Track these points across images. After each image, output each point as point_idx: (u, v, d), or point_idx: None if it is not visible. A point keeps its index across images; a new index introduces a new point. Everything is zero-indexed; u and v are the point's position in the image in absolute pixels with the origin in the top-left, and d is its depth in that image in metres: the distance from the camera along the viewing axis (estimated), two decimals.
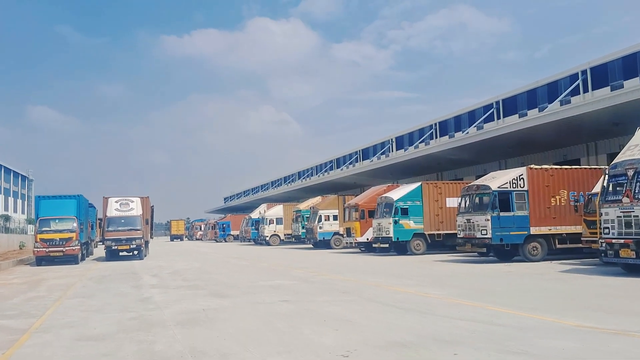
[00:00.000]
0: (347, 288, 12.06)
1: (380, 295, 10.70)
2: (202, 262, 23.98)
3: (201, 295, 11.56)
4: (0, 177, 78.99)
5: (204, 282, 14.35)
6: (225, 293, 11.76)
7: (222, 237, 67.19)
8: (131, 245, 26.94)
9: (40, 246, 24.33)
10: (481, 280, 13.37)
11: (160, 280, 15.66)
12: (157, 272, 18.87)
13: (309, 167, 71.90)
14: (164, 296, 11.58)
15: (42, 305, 10.68)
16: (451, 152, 32.56)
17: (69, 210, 25.43)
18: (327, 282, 13.70)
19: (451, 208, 25.83)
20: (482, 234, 19.14)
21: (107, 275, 18.09)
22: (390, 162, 39.04)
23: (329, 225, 35.38)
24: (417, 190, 25.80)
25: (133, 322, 8.23)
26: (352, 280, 13.98)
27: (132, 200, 28.29)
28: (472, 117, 38.58)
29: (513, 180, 19.41)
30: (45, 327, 8.09)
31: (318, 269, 17.98)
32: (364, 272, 16.42)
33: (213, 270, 19.10)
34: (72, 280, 16.28)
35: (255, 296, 11.01)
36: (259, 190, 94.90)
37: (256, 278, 15.31)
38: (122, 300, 11.13)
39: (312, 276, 15.39)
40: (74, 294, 12.47)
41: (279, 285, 12.99)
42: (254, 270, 18.74)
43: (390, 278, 14.35)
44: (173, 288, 13.24)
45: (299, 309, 9.02)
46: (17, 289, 14.07)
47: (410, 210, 25.36)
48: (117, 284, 14.84)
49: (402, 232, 25.16)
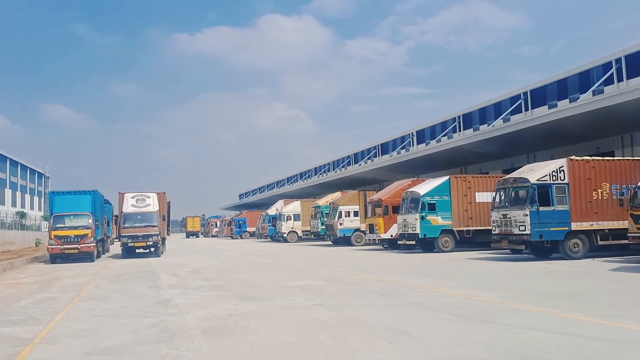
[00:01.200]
0: (385, 290, 10.94)
1: (425, 298, 9.56)
2: (221, 260, 23.00)
3: (225, 297, 10.51)
4: (17, 174, 79.02)
5: (226, 282, 13.32)
6: (251, 295, 10.71)
7: (238, 233, 66.38)
8: (148, 242, 26.06)
9: (54, 243, 23.52)
10: (530, 281, 12.18)
11: (179, 279, 14.67)
12: (176, 270, 17.90)
13: (325, 162, 70.74)
14: (185, 298, 10.56)
15: (51, 308, 9.70)
16: (477, 145, 31.21)
17: (84, 206, 24.59)
18: (360, 282, 12.59)
19: (481, 203, 24.65)
20: (520, 230, 17.91)
21: (123, 274, 17.16)
22: (412, 157, 37.75)
23: (350, 221, 34.26)
24: (445, 184, 24.59)
25: (152, 331, 7.20)
26: (387, 280, 12.86)
27: (149, 196, 27.39)
28: (497, 109, 37.14)
29: (553, 172, 18.15)
30: (53, 336, 7.08)
31: (346, 268, 16.88)
32: (397, 271, 15.28)
33: (234, 268, 18.09)
34: (86, 280, 15.35)
35: (285, 299, 9.94)
36: (274, 187, 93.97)
37: (281, 277, 14.25)
38: (139, 302, 10.12)
39: (342, 276, 14.29)
40: (88, 296, 11.50)
41: (308, 286, 11.91)
42: (277, 268, 17.69)
43: (428, 278, 13.21)
44: (194, 289, 12.23)
45: (339, 316, 7.92)
46: (28, 289, 13.15)
47: (438, 206, 24.17)
48: (134, 283, 13.87)
49: (429, 228, 23.98)
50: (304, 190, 62.20)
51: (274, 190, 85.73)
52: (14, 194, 76.94)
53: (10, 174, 75.75)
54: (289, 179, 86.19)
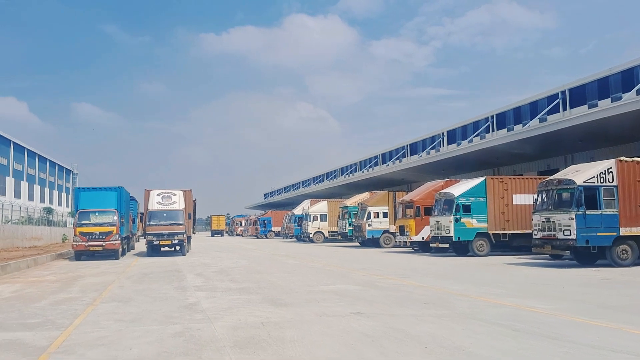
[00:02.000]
0: (427, 297, 10.10)
1: (474, 309, 8.70)
2: (248, 260, 22.36)
3: (255, 302, 9.79)
4: (45, 170, 79.98)
5: (256, 285, 12.62)
6: (283, 300, 9.97)
7: (263, 233, 65.98)
8: (173, 240, 25.60)
9: (79, 240, 23.18)
10: (582, 290, 11.20)
11: (205, 280, 14.02)
12: (202, 270, 17.29)
13: (352, 162, 69.87)
14: (213, 302, 9.87)
15: (71, 311, 9.10)
16: (512, 145, 30.09)
17: (109, 203, 24.21)
18: (398, 288, 11.76)
19: (518, 206, 23.59)
20: (564, 234, 16.84)
21: (147, 273, 16.62)
22: (443, 157, 36.70)
23: (379, 222, 33.36)
24: (481, 185, 23.56)
25: (178, 341, 6.49)
26: (426, 286, 12.00)
27: (175, 194, 26.93)
28: (534, 108, 35.86)
29: (600, 174, 17.04)
30: (69, 345, 6.42)
31: (379, 271, 16.05)
32: (434, 276, 14.40)
33: (262, 269, 17.40)
34: (109, 279, 14.82)
35: (320, 305, 9.17)
36: (299, 186, 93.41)
37: (313, 281, 13.50)
38: (164, 306, 9.46)
39: (376, 280, 13.47)
40: (110, 297, 10.90)
41: (343, 291, 11.13)
42: (307, 270, 16.95)
43: (470, 284, 12.31)
44: (221, 291, 11.55)
45: (384, 328, 7.12)
46: (48, 289, 12.63)
47: (473, 208, 23.16)
48: (159, 284, 13.27)
49: (463, 231, 22.98)
50: (330, 190, 61.45)
51: (299, 190, 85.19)
52: (42, 190, 77.84)
53: (39, 170, 76.66)
54: (314, 178, 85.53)
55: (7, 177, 63.46)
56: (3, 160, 62.57)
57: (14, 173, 66.00)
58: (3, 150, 62.50)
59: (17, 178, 67.34)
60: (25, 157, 70.62)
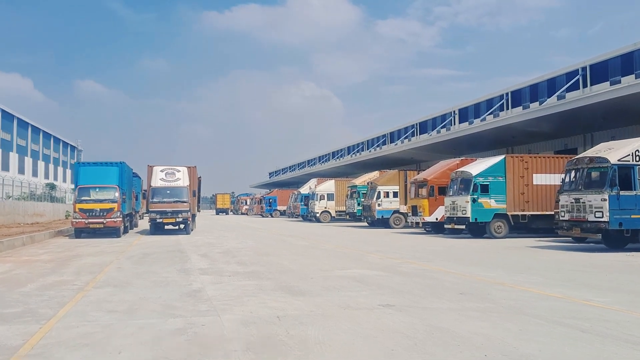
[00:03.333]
0: (461, 286, 8.97)
1: (519, 301, 7.56)
2: (255, 240, 21.29)
3: (267, 289, 8.68)
4: (49, 146, 78.92)
5: (266, 268, 11.52)
6: (297, 287, 8.86)
7: (269, 212, 65.04)
8: (177, 218, 24.55)
9: (79, 217, 22.15)
10: (632, 279, 10.04)
11: (211, 262, 12.94)
12: (207, 251, 16.22)
13: (359, 141, 68.53)
14: (219, 288, 8.76)
15: (58, 298, 8.01)
16: (529, 123, 28.77)
17: (110, 179, 23.11)
18: (424, 274, 10.62)
19: (539, 186, 22.40)
20: (596, 216, 15.64)
21: (149, 253, 15.56)
22: (456, 135, 35.37)
23: (389, 202, 32.22)
24: (500, 164, 22.32)
25: (178, 341, 5.38)
26: (453, 272, 10.86)
27: (179, 170, 25.80)
28: (551, 85, 34.37)
29: (636, 151, 15.77)
30: (46, 344, 5.31)
31: (396, 254, 14.93)
32: (459, 261, 13.26)
33: (270, 251, 16.32)
34: (107, 259, 13.75)
35: (342, 295, 8.06)
36: (305, 165, 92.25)
37: (327, 264, 12.39)
38: (165, 293, 8.37)
39: (397, 264, 12.35)
40: (105, 281, 9.81)
41: (363, 277, 10.01)
42: (319, 253, 15.85)
43: (501, 270, 11.16)
44: (228, 275, 10.45)
45: (424, 326, 5.98)
46: (40, 269, 11.57)
47: (491, 188, 21.96)
48: (160, 265, 12.20)
49: (481, 212, 21.81)
50: (336, 169, 60.27)
51: (305, 169, 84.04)
52: (47, 166, 76.88)
53: (43, 146, 75.59)
54: (320, 157, 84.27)
55: (10, 153, 62.44)
56: (6, 136, 61.45)
57: (18, 149, 64.95)
58: (6, 126, 61.34)
59: (21, 154, 66.31)
60: (29, 132, 69.50)
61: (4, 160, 60.23)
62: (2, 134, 60.09)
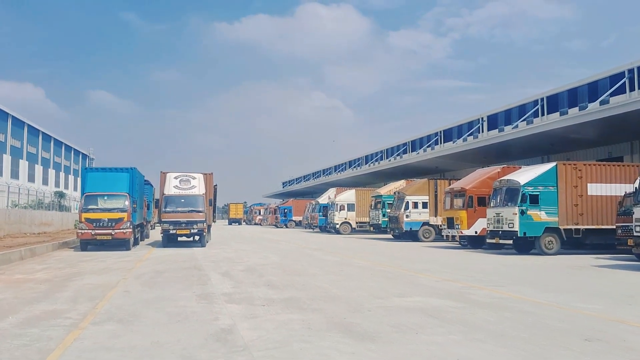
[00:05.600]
0: (571, 325, 6.77)
1: None
2: (278, 255, 19.14)
3: (319, 328, 6.53)
4: (60, 154, 77.52)
5: (305, 294, 9.37)
6: (358, 325, 6.70)
7: (283, 222, 62.98)
8: (192, 229, 22.47)
9: (85, 227, 20.15)
10: None
11: (235, 284, 10.81)
12: (227, 268, 14.11)
13: (377, 150, 66.32)
14: (255, 327, 6.63)
15: (42, 342, 5.90)
16: (571, 130, 26.54)
17: (120, 186, 21.10)
18: (509, 305, 8.39)
19: (594, 196, 20.11)
20: None
21: (161, 270, 13.47)
22: (487, 143, 33.13)
23: (417, 213, 29.97)
24: (551, 172, 20.07)
25: None
26: (544, 303, 8.63)
27: (194, 177, 23.77)
28: (593, 89, 31.96)
29: None
30: None
31: (449, 274, 12.71)
32: (534, 285, 11.01)
33: (300, 268, 14.16)
34: (113, 279, 11.68)
35: (423, 340, 5.90)
36: (320, 175, 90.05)
37: (377, 289, 10.20)
38: (184, 334, 6.25)
39: (462, 290, 10.14)
40: (107, 312, 7.72)
41: (434, 310, 7.84)
42: (357, 271, 13.67)
43: (600, 300, 8.91)
44: (262, 304, 8.32)
45: None
46: (30, 293, 9.51)
47: (542, 198, 19.70)
48: (175, 289, 10.09)
49: (530, 225, 19.55)
50: (354, 178, 58.10)
51: (321, 179, 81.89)
52: (57, 174, 75.45)
53: (54, 154, 74.21)
54: (336, 167, 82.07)
55: (20, 160, 60.97)
56: (16, 143, 59.99)
57: (28, 156, 63.50)
58: (16, 133, 59.89)
59: (31, 161, 64.87)
60: (40, 140, 68.08)
61: (14, 167, 58.73)
62: (12, 141, 58.64)
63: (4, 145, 56.36)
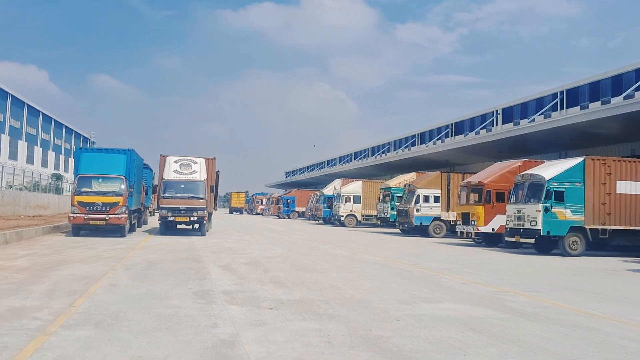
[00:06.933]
0: None
1: None
2: (282, 247, 17.87)
3: (342, 343, 5.25)
4: (61, 136, 76.24)
5: (318, 295, 8.09)
6: (389, 341, 5.42)
7: (286, 213, 61.66)
8: (192, 217, 21.19)
9: (77, 211, 18.91)
10: None
11: (238, 280, 9.53)
12: (229, 260, 12.84)
13: (385, 142, 64.96)
14: (263, 339, 5.36)
15: None
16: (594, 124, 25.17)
17: (116, 168, 19.84)
18: (558, 317, 7.10)
19: (623, 195, 18.78)
20: None
21: (155, 261, 12.20)
22: (503, 136, 31.79)
23: (428, 208, 28.60)
24: (578, 167, 18.70)
25: None
26: (599, 315, 7.35)
27: (195, 162, 22.45)
28: (617, 83, 30.62)
29: None
30: None
31: (474, 274, 11.42)
32: (572, 291, 9.72)
33: (309, 263, 12.87)
34: (100, 269, 10.41)
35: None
36: (324, 166, 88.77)
37: (399, 290, 8.91)
38: (175, 345, 4.98)
39: (498, 295, 8.84)
40: (85, 312, 6.44)
41: (474, 322, 6.55)
42: (371, 268, 12.37)
43: None
44: (269, 307, 7.04)
45: None
46: (4, 284, 8.25)
47: (567, 195, 18.35)
48: (169, 284, 8.82)
49: (554, 223, 18.21)
50: (360, 170, 56.74)
51: (325, 170, 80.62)
52: (57, 156, 74.20)
53: (54, 136, 72.94)
54: (341, 158, 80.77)
55: (19, 141, 59.70)
56: (15, 123, 58.62)
57: (27, 137, 62.19)
58: (16, 112, 58.50)
59: (31, 143, 63.58)
60: (40, 121, 66.75)
61: (12, 148, 57.47)
62: (11, 121, 57.30)
63: (3, 125, 55.06)
